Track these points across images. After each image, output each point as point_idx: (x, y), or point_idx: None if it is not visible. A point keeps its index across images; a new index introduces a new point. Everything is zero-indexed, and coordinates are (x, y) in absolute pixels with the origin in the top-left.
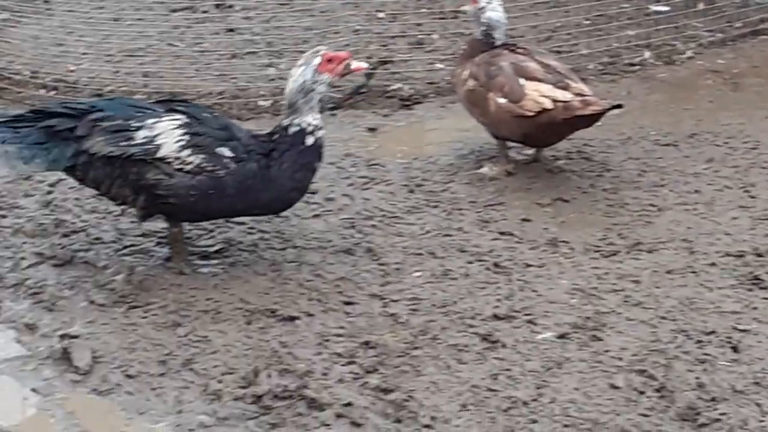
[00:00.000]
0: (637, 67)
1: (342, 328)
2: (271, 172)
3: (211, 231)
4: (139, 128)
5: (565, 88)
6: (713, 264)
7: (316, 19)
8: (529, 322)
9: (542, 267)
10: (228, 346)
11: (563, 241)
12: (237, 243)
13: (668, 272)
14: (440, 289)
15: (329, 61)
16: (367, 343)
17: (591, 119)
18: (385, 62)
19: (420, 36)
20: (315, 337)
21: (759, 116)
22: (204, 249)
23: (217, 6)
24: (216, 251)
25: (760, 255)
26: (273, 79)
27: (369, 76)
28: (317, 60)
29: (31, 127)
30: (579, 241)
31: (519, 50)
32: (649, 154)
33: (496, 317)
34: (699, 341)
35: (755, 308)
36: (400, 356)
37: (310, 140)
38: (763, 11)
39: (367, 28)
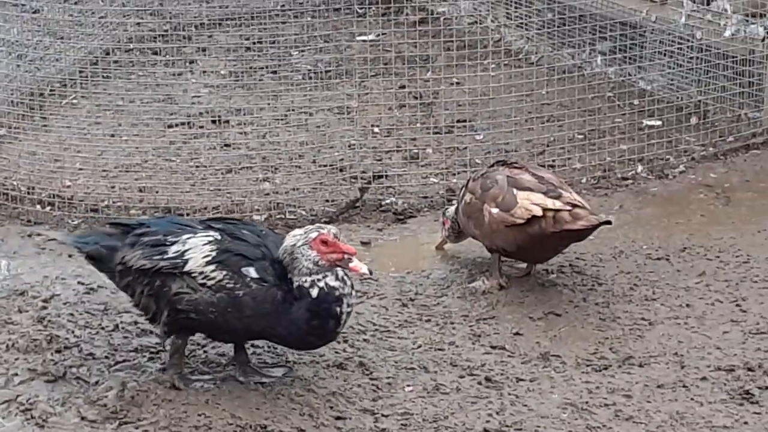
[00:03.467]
0: (629, 181)
1: None
2: (291, 310)
3: (204, 345)
4: (173, 243)
5: (558, 197)
6: (704, 378)
7: (311, 134)
8: None
9: (534, 381)
10: None
11: (555, 355)
12: (229, 358)
13: (659, 386)
14: (432, 403)
15: (324, 243)
16: None
17: (581, 234)
18: (380, 176)
19: (414, 150)
20: None
21: (750, 230)
22: (195, 364)
23: (214, 121)
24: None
25: (750, 369)
26: (268, 194)
27: (363, 190)
28: (313, 235)
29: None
30: (571, 355)
31: (515, 165)
32: (641, 268)
33: None
34: None
35: (746, 423)
36: None
37: (314, 292)
38: (755, 125)
39: (362, 143)
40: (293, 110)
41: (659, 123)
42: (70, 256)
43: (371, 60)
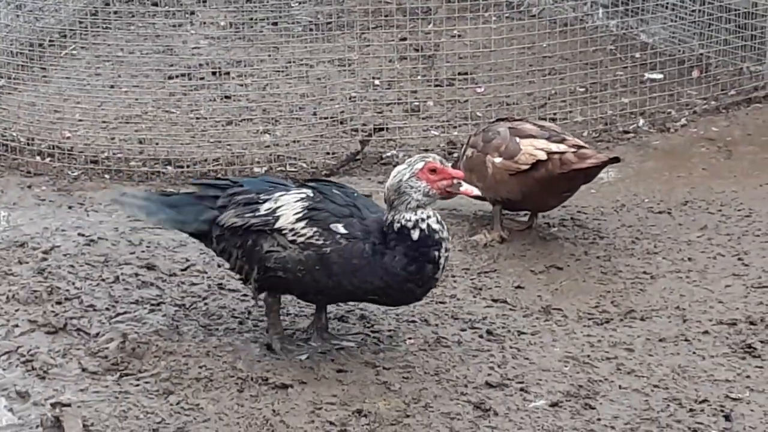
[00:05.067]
0: (631, 135)
1: (334, 396)
2: (384, 260)
3: (204, 297)
4: (265, 201)
5: (561, 141)
6: (706, 332)
7: (311, 86)
8: (522, 390)
9: (535, 335)
10: (220, 414)
11: (556, 309)
12: (231, 310)
13: (661, 340)
14: (433, 356)
15: (432, 171)
16: (359, 411)
17: (588, 173)
18: (381, 129)
19: (415, 103)
20: (307, 405)
21: (752, 184)
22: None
23: (214, 73)
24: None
25: (753, 323)
26: (268, 146)
27: (364, 143)
28: (419, 165)
29: (182, 195)
30: (572, 309)
31: (515, 119)
32: (643, 222)
33: (488, 385)
34: (691, 410)
35: (748, 377)
36: (392, 424)
37: (415, 234)
38: (757, 79)
39: (363, 95)
40: (293, 62)
41: (661, 76)
42: (69, 207)
43: (372, 12)
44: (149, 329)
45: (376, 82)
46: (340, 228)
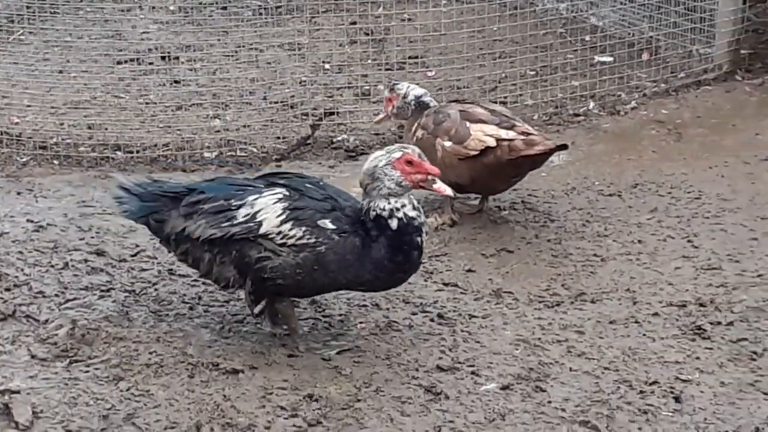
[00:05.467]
0: (581, 118)
1: (285, 380)
2: (372, 253)
3: (155, 283)
4: (240, 206)
5: (510, 128)
6: (656, 314)
7: (261, 71)
8: (473, 373)
9: (486, 318)
10: (170, 400)
11: (507, 292)
12: (181, 296)
13: (611, 322)
14: (384, 340)
15: (408, 163)
16: (310, 395)
17: (536, 160)
18: (331, 113)
19: (366, 87)
20: (258, 390)
21: (702, 166)
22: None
23: (163, 58)
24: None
25: (702, 305)
26: (218, 131)
27: (314, 127)
28: (397, 155)
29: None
30: (523, 292)
31: (466, 101)
32: (593, 205)
33: (439, 369)
34: (642, 392)
35: (697, 358)
36: (343, 409)
37: (393, 224)
38: (706, 61)
39: (313, 80)
40: (243, 46)
41: (611, 59)
42: (18, 193)
43: None
44: (99, 315)
45: (327, 66)
46: (328, 224)
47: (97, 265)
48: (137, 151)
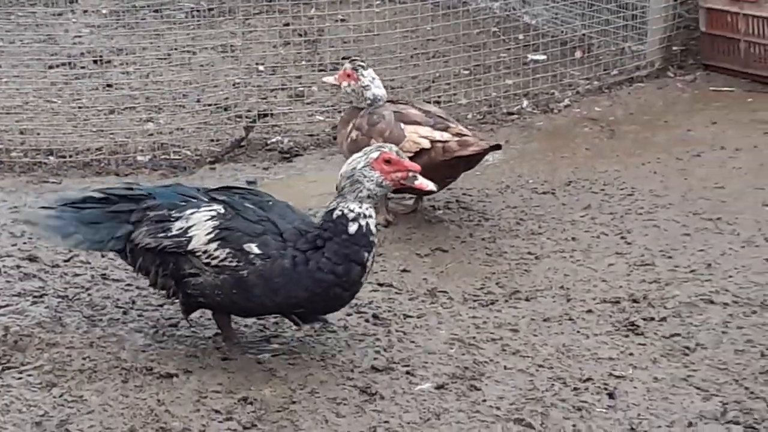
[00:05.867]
0: (515, 116)
1: (220, 384)
2: (309, 266)
3: (88, 288)
4: (177, 219)
5: (445, 129)
6: (590, 311)
7: (195, 73)
8: (408, 373)
9: (421, 317)
10: (104, 406)
11: (442, 291)
12: (114, 301)
13: (546, 320)
14: (319, 342)
15: (387, 162)
16: (245, 398)
17: (470, 160)
18: (265, 115)
19: (300, 88)
20: (192, 393)
21: (635, 163)
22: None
23: (96, 62)
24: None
25: (635, 301)
26: (152, 134)
27: (248, 129)
28: (374, 155)
29: (95, 208)
30: (458, 291)
31: (401, 102)
32: (527, 203)
33: (374, 369)
34: (576, 388)
35: (631, 354)
36: (278, 411)
37: (352, 228)
38: (639, 58)
39: (247, 81)
40: (176, 49)
41: (544, 57)
42: None
43: None
44: (32, 321)
45: (260, 68)
46: (253, 248)
47: (30, 270)
48: (70, 156)
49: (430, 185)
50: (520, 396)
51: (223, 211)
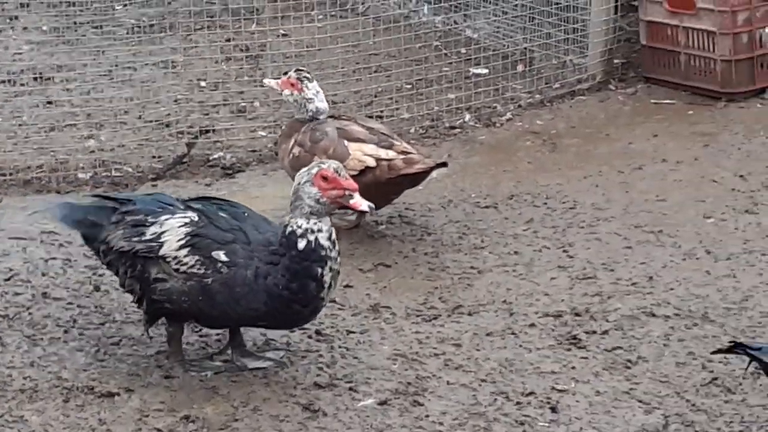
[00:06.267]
0: (457, 130)
1: (162, 402)
2: (267, 281)
3: (29, 308)
4: (152, 224)
5: (389, 147)
6: (532, 325)
7: (136, 90)
8: (351, 389)
9: (364, 333)
10: (45, 426)
11: (385, 307)
12: (56, 319)
13: (488, 334)
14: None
15: (324, 179)
16: (187, 417)
17: (416, 178)
18: (207, 131)
19: (242, 104)
20: (134, 412)
21: (576, 176)
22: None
23: (36, 78)
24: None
25: (578, 314)
26: (93, 151)
27: (190, 145)
28: (314, 171)
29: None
30: (401, 306)
31: (343, 117)
32: (470, 217)
33: (317, 386)
34: (518, 403)
35: (573, 368)
36: (220, 429)
37: (301, 244)
38: (580, 72)
39: (189, 97)
40: (118, 66)
41: (486, 71)
42: None
43: (197, 13)
44: None
45: (202, 83)
46: (221, 256)
47: None
48: (10, 174)
49: (363, 205)
50: (463, 411)
51: (196, 218)
